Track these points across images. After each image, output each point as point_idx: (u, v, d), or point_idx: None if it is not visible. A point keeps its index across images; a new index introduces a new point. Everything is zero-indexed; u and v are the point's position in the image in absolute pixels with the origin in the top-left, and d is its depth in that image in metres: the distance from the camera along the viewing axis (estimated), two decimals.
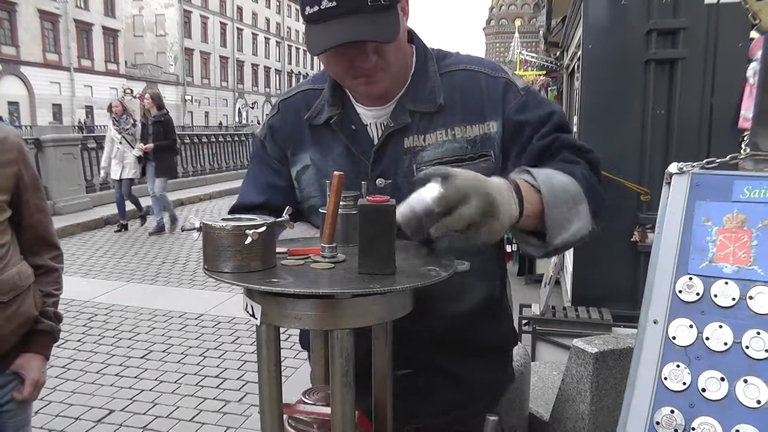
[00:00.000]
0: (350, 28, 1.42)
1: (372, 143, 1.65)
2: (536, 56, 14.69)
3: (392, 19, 1.47)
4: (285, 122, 1.75)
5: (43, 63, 54.31)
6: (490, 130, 1.62)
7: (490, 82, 1.66)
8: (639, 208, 5.45)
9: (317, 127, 1.69)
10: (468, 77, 1.67)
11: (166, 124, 11.65)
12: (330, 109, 1.66)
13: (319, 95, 1.71)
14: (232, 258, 1.13)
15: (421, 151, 1.61)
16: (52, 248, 2.43)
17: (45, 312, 2.34)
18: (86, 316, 6.99)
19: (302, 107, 1.73)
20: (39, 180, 2.38)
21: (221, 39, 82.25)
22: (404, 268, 1.18)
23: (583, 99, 5.78)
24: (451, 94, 1.64)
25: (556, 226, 1.44)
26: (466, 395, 1.76)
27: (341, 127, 1.65)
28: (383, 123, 1.65)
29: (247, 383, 5.24)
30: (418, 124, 1.62)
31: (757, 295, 1.46)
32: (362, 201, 1.17)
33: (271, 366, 1.16)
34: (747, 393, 1.37)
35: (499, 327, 1.84)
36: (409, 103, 1.62)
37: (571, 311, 5.30)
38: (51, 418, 4.62)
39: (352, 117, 1.67)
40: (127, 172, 11.46)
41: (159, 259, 9.90)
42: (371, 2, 1.42)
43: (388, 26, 1.46)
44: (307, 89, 1.76)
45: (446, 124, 1.62)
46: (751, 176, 1.62)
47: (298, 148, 1.71)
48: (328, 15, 1.42)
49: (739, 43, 4.93)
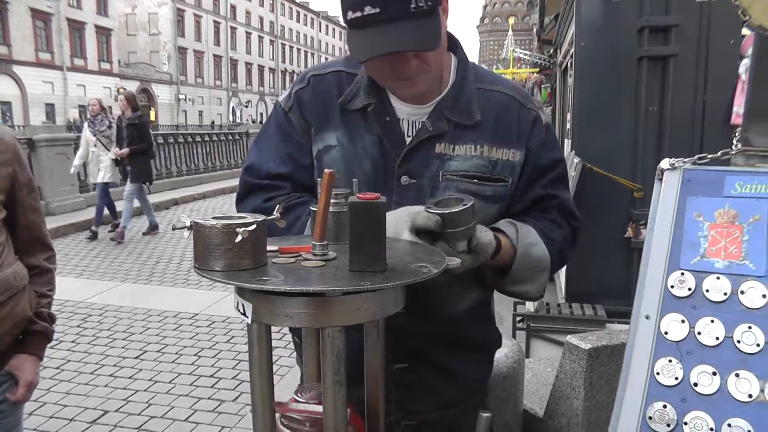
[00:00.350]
0: (394, 37, 1.43)
1: (402, 138, 1.66)
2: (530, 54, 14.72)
3: (434, 23, 1.48)
4: (315, 97, 1.72)
5: (36, 62, 54.05)
6: (513, 157, 1.69)
7: (522, 112, 1.72)
8: (632, 204, 5.47)
9: (350, 111, 1.68)
10: (503, 101, 1.72)
11: (141, 127, 11.13)
12: (367, 97, 1.65)
13: (352, 79, 1.70)
14: (223, 256, 1.13)
15: (450, 160, 1.64)
16: (46, 249, 2.42)
17: (39, 313, 2.33)
18: (80, 317, 6.97)
19: (334, 87, 1.71)
20: (33, 181, 2.36)
21: (215, 38, 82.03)
22: (395, 265, 1.18)
23: (577, 96, 5.80)
24: (486, 112, 1.68)
25: (515, 280, 1.67)
26: (460, 391, 1.80)
27: (377, 116, 1.66)
28: (418, 122, 1.67)
29: (241, 383, 5.24)
30: (452, 133, 1.65)
31: (748, 290, 1.47)
32: (353, 198, 1.17)
33: (263, 364, 1.16)
34: (739, 387, 1.38)
35: (487, 326, 1.91)
36: (447, 111, 1.65)
37: (565, 308, 5.31)
38: (45, 419, 4.60)
39: (388, 108, 1.67)
40: (102, 176, 10.90)
41: (153, 258, 9.88)
42: (414, 8, 1.42)
43: (431, 33, 1.48)
44: (341, 71, 1.74)
45: (477, 140, 1.66)
46: (743, 172, 1.63)
47: (325, 127, 1.69)
48: (371, 21, 1.43)
49: (731, 40, 4.95)
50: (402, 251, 1.29)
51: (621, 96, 5.42)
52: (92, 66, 61.10)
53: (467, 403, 1.83)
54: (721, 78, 5.06)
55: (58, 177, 12.93)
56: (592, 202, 5.56)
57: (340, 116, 1.68)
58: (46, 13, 54.64)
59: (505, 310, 6.59)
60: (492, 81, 1.76)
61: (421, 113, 1.66)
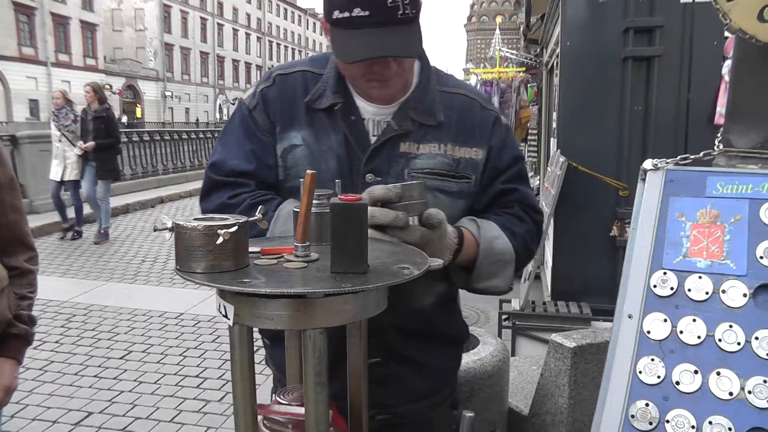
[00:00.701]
0: (384, 41, 1.47)
1: (367, 137, 1.69)
2: (516, 53, 14.73)
3: (418, 31, 1.53)
4: (280, 96, 1.74)
5: (19, 57, 53.31)
6: (476, 156, 1.75)
7: (483, 113, 1.80)
8: (617, 203, 5.50)
9: (315, 110, 1.70)
10: (466, 102, 1.78)
11: (108, 121, 10.47)
12: (333, 96, 1.68)
13: (317, 79, 1.73)
14: (204, 258, 1.13)
15: (414, 158, 1.69)
16: (28, 249, 2.36)
17: (19, 315, 2.27)
18: (64, 317, 6.92)
19: (300, 87, 1.73)
20: (15, 179, 2.31)
21: (201, 34, 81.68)
22: (377, 266, 1.18)
23: (562, 95, 5.82)
24: (449, 113, 1.73)
25: (482, 276, 1.69)
26: (431, 384, 1.84)
27: (343, 115, 1.68)
28: (383, 122, 1.70)
29: (227, 383, 5.22)
30: (416, 132, 1.69)
31: (729, 289, 1.48)
32: (334, 199, 1.17)
33: (244, 366, 1.15)
34: (720, 385, 1.39)
35: (454, 319, 1.94)
36: (412, 111, 1.69)
37: (551, 306, 5.34)
38: (27, 422, 4.56)
39: (353, 108, 1.70)
40: (69, 173, 10.40)
41: (138, 258, 9.84)
42: (401, 15, 1.46)
43: (415, 39, 1.53)
44: (306, 70, 1.77)
45: (441, 139, 1.71)
46: (724, 172, 1.64)
47: (290, 126, 1.71)
48: (359, 23, 1.46)
49: (714, 41, 4.99)
50: (384, 252, 1.29)
51: (606, 95, 5.45)
52: (77, 62, 60.42)
53: (438, 396, 1.87)
54: (704, 78, 5.11)
55: (42, 174, 12.74)
56: (577, 200, 5.58)
57: (306, 115, 1.71)
58: (29, 7, 53.90)
59: (491, 308, 6.62)
60: (454, 84, 1.82)
61: (385, 113, 1.70)
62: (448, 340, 1.90)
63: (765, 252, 1.48)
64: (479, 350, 3.11)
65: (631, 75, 5.31)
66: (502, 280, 1.72)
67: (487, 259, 1.66)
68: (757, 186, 1.56)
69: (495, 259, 1.68)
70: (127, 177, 16.57)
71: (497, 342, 3.26)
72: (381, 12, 1.45)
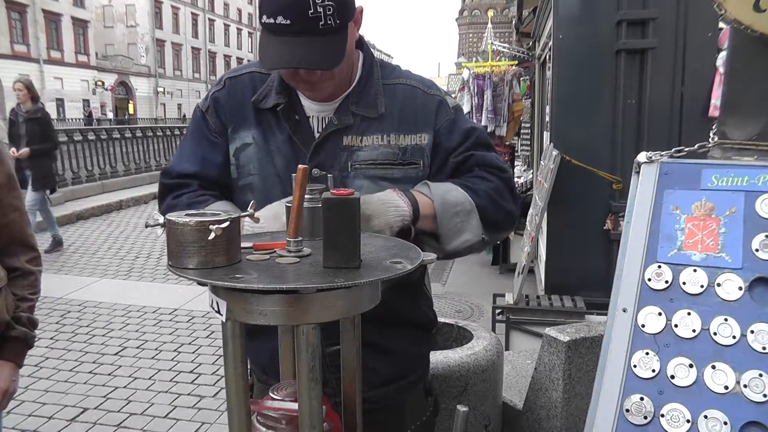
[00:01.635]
0: (299, 52, 1.51)
1: (312, 135, 1.74)
2: (508, 47, 14.71)
3: (340, 42, 1.56)
4: (230, 99, 1.80)
5: (11, 54, 52.98)
6: (421, 141, 1.76)
7: (426, 98, 1.81)
8: (611, 196, 5.49)
9: (262, 110, 1.76)
10: (407, 91, 1.80)
11: (44, 123, 9.15)
12: (277, 97, 1.73)
13: (266, 79, 1.78)
14: (196, 254, 1.12)
15: (358, 151, 1.72)
16: (29, 250, 2.32)
17: (18, 318, 2.23)
18: (59, 313, 6.90)
19: (248, 88, 1.79)
20: (15, 178, 2.27)
21: (193, 30, 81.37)
22: (370, 261, 1.17)
23: (555, 89, 5.81)
24: (391, 104, 1.76)
25: (449, 234, 1.67)
26: (396, 368, 1.85)
27: (287, 116, 1.73)
28: (326, 118, 1.74)
29: (221, 378, 5.20)
30: (358, 126, 1.72)
31: (724, 282, 1.47)
32: (326, 194, 1.16)
33: (237, 362, 1.15)
34: (715, 379, 1.39)
35: (418, 305, 1.93)
36: (353, 106, 1.72)
37: (545, 300, 5.33)
38: (23, 417, 4.55)
39: (297, 107, 1.75)
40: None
41: (132, 253, 9.82)
42: (323, 25, 1.49)
43: (335, 51, 1.55)
44: (254, 72, 1.82)
45: (383, 130, 1.74)
46: (719, 164, 1.64)
47: (240, 126, 1.77)
48: (282, 31, 1.50)
49: (708, 33, 4.98)
50: (376, 247, 1.28)
51: (599, 89, 5.44)
52: (69, 58, 60.12)
53: (405, 380, 1.88)
54: (698, 70, 5.10)
55: None
56: (571, 194, 5.58)
57: (254, 115, 1.77)
58: (21, 4, 53.59)
59: (484, 302, 6.62)
60: (397, 75, 1.84)
61: (328, 110, 1.74)
62: (410, 323, 1.89)
63: (761, 245, 1.47)
64: (473, 345, 3.10)
65: (624, 68, 5.30)
66: (470, 232, 1.69)
67: (446, 213, 1.65)
68: (753, 178, 1.56)
69: (454, 212, 1.65)
70: (120, 173, 16.57)
71: (491, 336, 3.25)
72: (301, 22, 1.48)
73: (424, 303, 1.96)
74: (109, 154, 16.42)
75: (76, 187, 14.44)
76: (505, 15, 65.76)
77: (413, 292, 1.91)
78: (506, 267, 8.46)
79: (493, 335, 3.29)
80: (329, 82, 1.65)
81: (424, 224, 1.62)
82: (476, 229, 1.69)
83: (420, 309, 1.94)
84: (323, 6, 1.47)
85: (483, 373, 2.98)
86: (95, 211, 13.39)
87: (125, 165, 17.12)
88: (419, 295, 1.94)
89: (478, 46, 72.72)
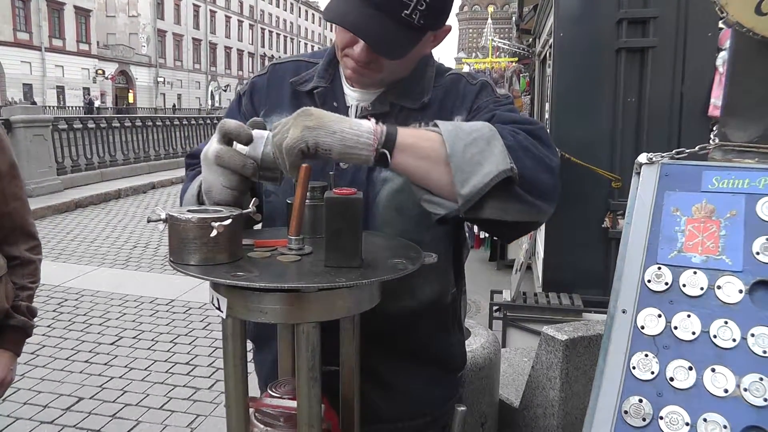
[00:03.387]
0: (368, 23, 1.38)
1: None
2: (508, 43, 14.70)
3: (411, 40, 1.44)
4: (269, 83, 1.73)
5: (14, 42, 53.14)
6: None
7: (467, 86, 1.63)
8: (610, 194, 5.48)
9: (300, 93, 1.66)
10: (452, 80, 1.64)
11: None
12: (318, 80, 1.64)
13: (310, 67, 1.70)
14: (198, 250, 1.12)
15: None
16: (29, 238, 2.30)
17: (17, 306, 2.21)
18: (56, 301, 6.90)
19: (290, 73, 1.70)
20: (17, 166, 2.26)
21: (194, 21, 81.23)
22: (371, 260, 1.17)
23: (555, 86, 5.79)
24: (436, 95, 1.61)
25: (464, 167, 1.24)
26: (396, 407, 1.63)
27: (324, 100, 1.62)
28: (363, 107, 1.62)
29: (217, 370, 5.21)
30: (396, 115, 1.57)
31: (725, 285, 1.47)
32: (329, 193, 1.15)
33: (237, 360, 1.15)
34: (714, 382, 1.39)
35: (446, 338, 1.70)
36: (393, 96, 1.59)
37: (542, 297, 5.34)
38: (19, 405, 4.55)
39: (338, 94, 1.64)
40: None
41: (130, 243, 9.81)
42: (405, 15, 1.38)
43: (401, 45, 1.43)
44: (301, 60, 1.75)
45: (421, 119, 1.57)
46: (720, 166, 1.63)
47: (274, 110, 1.66)
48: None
49: (708, 32, 4.97)
50: (378, 246, 1.28)
51: (599, 87, 5.43)
52: (71, 47, 60.14)
53: (407, 422, 1.66)
54: (698, 70, 5.10)
55: (36, 159, 12.81)
56: (570, 192, 5.57)
57: (291, 99, 1.66)
58: None
59: (482, 299, 6.63)
60: (447, 70, 1.70)
61: (368, 99, 1.61)
62: (427, 360, 1.66)
63: (761, 248, 1.47)
64: (470, 342, 3.10)
65: (624, 66, 5.29)
66: (493, 161, 1.23)
67: (459, 141, 1.25)
68: (754, 181, 1.55)
69: (469, 140, 1.25)
70: (119, 162, 16.56)
71: (488, 333, 3.25)
72: (387, 2, 1.37)
73: (454, 336, 1.73)
74: (108, 142, 16.40)
75: (75, 175, 14.43)
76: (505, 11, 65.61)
77: (443, 321, 1.68)
78: (504, 264, 8.47)
79: (490, 332, 3.29)
80: (376, 72, 1.51)
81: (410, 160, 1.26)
82: (501, 157, 1.24)
83: (446, 343, 1.70)
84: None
85: (480, 370, 2.98)
86: (94, 199, 13.38)
87: (124, 154, 17.11)
88: (451, 325, 1.71)
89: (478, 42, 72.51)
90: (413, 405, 1.65)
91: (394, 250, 1.26)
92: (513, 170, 1.22)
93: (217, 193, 1.27)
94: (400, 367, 1.60)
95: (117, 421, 4.40)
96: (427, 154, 1.26)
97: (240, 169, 1.24)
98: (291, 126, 1.21)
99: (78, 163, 14.82)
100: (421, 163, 1.26)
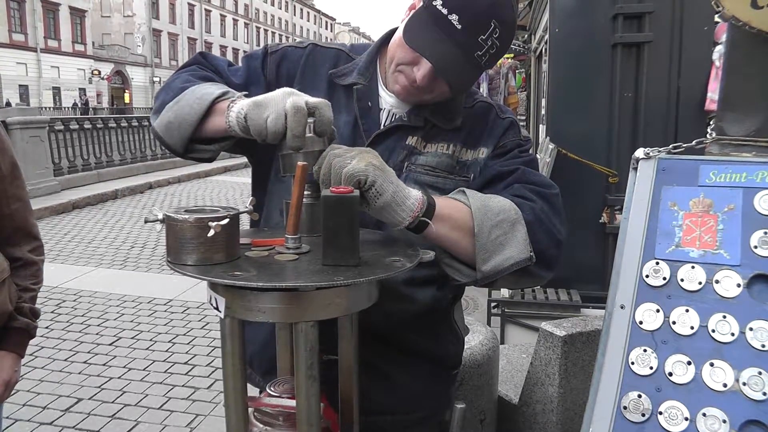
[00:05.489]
0: (446, 57, 1.45)
1: (379, 125, 1.65)
2: None
3: (473, 77, 1.55)
4: (306, 62, 1.71)
5: (9, 43, 53.03)
6: (481, 155, 1.66)
7: (497, 120, 1.71)
8: (607, 189, 5.48)
9: (337, 86, 1.67)
10: (483, 107, 1.72)
11: None
12: (358, 77, 1.65)
13: (349, 60, 1.71)
14: (195, 250, 1.11)
15: (419, 154, 1.63)
16: (31, 239, 2.30)
17: (20, 308, 2.21)
18: (54, 302, 6.89)
19: (330, 61, 1.71)
20: (18, 167, 2.24)
21: (189, 20, 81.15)
22: (369, 259, 1.17)
23: (551, 82, 5.79)
24: (466, 120, 1.67)
25: (488, 248, 1.41)
26: (395, 399, 1.68)
27: (361, 97, 1.65)
28: (396, 114, 1.66)
29: (216, 370, 5.21)
30: (428, 131, 1.64)
31: (723, 279, 1.47)
32: (325, 192, 1.15)
33: (236, 359, 1.14)
34: (713, 376, 1.39)
35: (440, 339, 1.77)
36: (428, 112, 1.63)
37: (540, 293, 5.33)
38: (18, 407, 4.54)
39: (373, 95, 1.66)
40: None
41: (128, 243, 9.80)
42: (477, 55, 1.46)
43: (465, 81, 1.55)
44: (342, 51, 1.75)
45: (451, 140, 1.65)
46: (717, 161, 1.63)
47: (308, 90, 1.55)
48: (445, 27, 1.44)
49: (704, 27, 4.97)
50: (375, 245, 1.28)
51: (596, 82, 5.43)
52: (66, 48, 60.01)
53: (404, 415, 1.72)
54: (694, 64, 5.09)
55: (33, 160, 12.78)
56: (567, 187, 5.52)
57: (327, 89, 1.67)
58: None
59: (480, 295, 6.63)
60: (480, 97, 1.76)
61: (403, 108, 1.65)
62: (424, 356, 1.72)
63: (759, 242, 1.47)
64: (469, 339, 3.09)
65: (620, 61, 5.28)
66: (515, 247, 1.41)
67: (486, 221, 1.40)
68: (751, 174, 1.55)
69: (496, 221, 1.40)
70: (116, 162, 16.53)
71: (487, 330, 3.25)
72: (467, 39, 1.44)
73: (446, 337, 1.79)
74: (104, 143, 16.39)
75: (71, 176, 14.42)
76: None
77: (436, 322, 1.75)
78: None
79: (488, 329, 3.29)
80: (427, 94, 1.57)
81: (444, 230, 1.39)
82: (523, 245, 1.43)
83: (439, 343, 1.77)
84: (492, 42, 1.46)
85: (478, 367, 2.98)
86: (90, 200, 13.37)
87: (121, 154, 17.08)
88: (443, 328, 1.78)
89: None
90: (410, 398, 1.70)
91: (391, 248, 1.26)
92: (531, 259, 1.44)
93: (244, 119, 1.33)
94: (396, 361, 1.66)
95: (116, 421, 4.40)
96: (459, 226, 1.40)
97: (290, 130, 1.26)
98: (356, 156, 1.27)
99: (75, 164, 14.81)
100: (452, 234, 1.40)
